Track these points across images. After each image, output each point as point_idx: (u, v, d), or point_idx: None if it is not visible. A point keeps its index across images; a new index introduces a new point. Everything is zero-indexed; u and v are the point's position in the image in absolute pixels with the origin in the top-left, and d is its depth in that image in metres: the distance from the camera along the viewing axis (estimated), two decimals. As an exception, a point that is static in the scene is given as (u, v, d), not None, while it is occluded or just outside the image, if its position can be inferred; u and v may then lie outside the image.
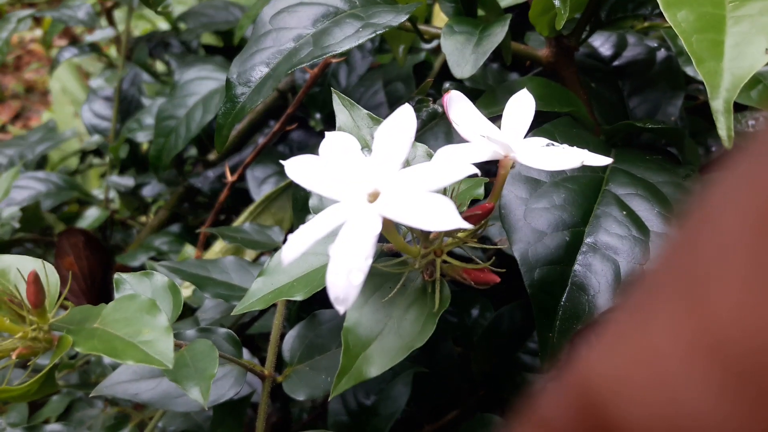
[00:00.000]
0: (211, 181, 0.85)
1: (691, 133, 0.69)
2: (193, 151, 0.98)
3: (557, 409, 0.15)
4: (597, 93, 0.57)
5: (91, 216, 0.90)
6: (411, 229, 0.36)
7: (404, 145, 0.32)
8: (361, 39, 0.44)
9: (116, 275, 0.44)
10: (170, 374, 0.39)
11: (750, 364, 0.11)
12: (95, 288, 0.83)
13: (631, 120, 0.54)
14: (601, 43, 0.61)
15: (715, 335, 0.12)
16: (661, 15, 0.51)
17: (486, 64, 0.69)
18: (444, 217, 0.28)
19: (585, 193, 0.44)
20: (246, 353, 0.51)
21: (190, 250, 0.77)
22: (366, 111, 0.38)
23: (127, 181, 0.89)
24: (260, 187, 0.79)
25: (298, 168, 0.32)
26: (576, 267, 0.42)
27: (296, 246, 0.30)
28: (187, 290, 0.73)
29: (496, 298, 0.74)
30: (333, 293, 0.29)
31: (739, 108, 0.77)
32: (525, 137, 0.36)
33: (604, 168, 0.46)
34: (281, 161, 0.33)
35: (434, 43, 0.77)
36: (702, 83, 0.72)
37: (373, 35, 0.44)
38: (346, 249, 0.29)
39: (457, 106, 0.35)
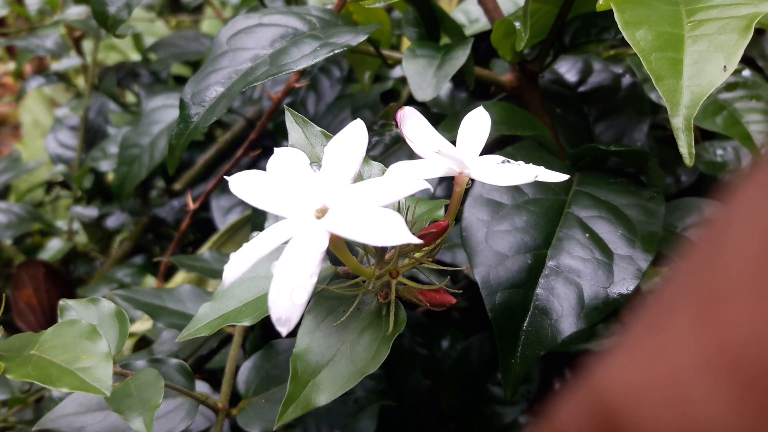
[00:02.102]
0: (176, 211, 0.83)
1: (661, 163, 0.69)
2: (161, 183, 0.96)
3: (574, 422, 0.15)
4: (562, 119, 0.57)
5: (53, 248, 0.88)
6: (365, 249, 0.34)
7: (355, 160, 0.31)
8: (319, 57, 0.43)
9: (61, 301, 0.42)
10: (113, 404, 0.37)
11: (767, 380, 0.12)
12: (54, 322, 0.80)
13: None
14: (567, 70, 0.61)
15: (732, 351, 0.12)
16: (624, 40, 0.51)
17: (453, 93, 0.69)
18: (392, 232, 0.27)
19: (547, 215, 0.43)
20: (206, 388, 0.49)
21: (151, 281, 0.75)
22: (320, 128, 0.37)
23: (91, 211, 0.87)
24: (225, 216, 0.78)
25: (242, 184, 0.31)
26: (538, 290, 0.40)
27: (238, 265, 0.29)
28: (146, 323, 0.71)
29: (467, 329, 0.72)
30: (275, 314, 0.27)
31: (707, 136, 0.78)
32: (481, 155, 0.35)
33: (567, 190, 0.45)
34: (225, 177, 0.32)
35: (401, 72, 0.77)
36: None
37: (331, 54, 0.43)
38: (290, 266, 0.28)
39: (411, 123, 0.34)
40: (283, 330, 0.27)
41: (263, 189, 0.31)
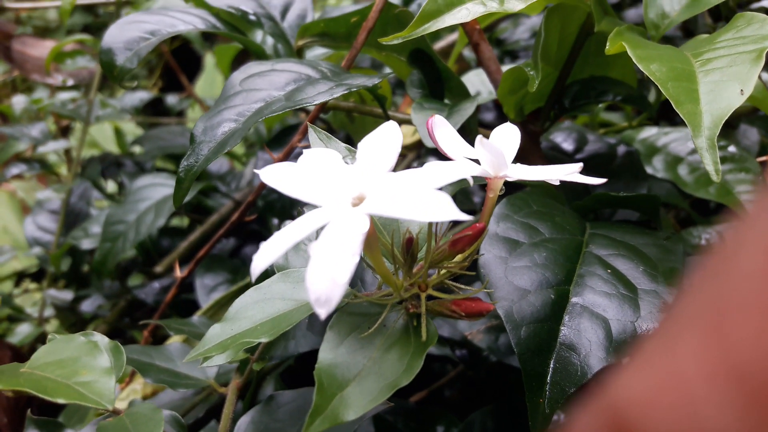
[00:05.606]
0: (156, 293, 0.80)
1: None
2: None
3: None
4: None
5: (21, 332, 0.83)
6: (394, 260, 0.32)
7: (392, 153, 0.30)
8: (335, 94, 0.43)
9: (50, 335, 0.39)
10: (106, 440, 0.33)
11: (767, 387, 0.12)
12: (18, 408, 0.74)
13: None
14: (563, 140, 0.62)
15: (735, 360, 0.13)
16: (623, 101, 0.52)
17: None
18: (441, 208, 0.25)
19: (566, 253, 0.42)
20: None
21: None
22: (344, 144, 0.36)
23: (66, 294, 0.83)
24: (209, 295, 0.75)
25: (274, 173, 0.30)
26: (563, 326, 0.39)
27: (271, 252, 0.27)
28: (121, 403, 0.66)
29: (462, 411, 0.68)
30: (314, 293, 0.25)
31: (688, 223, 0.79)
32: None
33: (582, 232, 0.45)
34: (255, 170, 0.31)
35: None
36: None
37: (347, 92, 0.43)
38: (331, 246, 0.26)
39: (442, 131, 0.34)
40: (323, 312, 0.25)
41: (296, 178, 0.29)
